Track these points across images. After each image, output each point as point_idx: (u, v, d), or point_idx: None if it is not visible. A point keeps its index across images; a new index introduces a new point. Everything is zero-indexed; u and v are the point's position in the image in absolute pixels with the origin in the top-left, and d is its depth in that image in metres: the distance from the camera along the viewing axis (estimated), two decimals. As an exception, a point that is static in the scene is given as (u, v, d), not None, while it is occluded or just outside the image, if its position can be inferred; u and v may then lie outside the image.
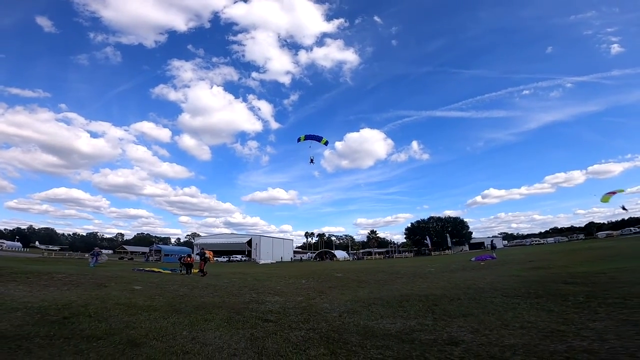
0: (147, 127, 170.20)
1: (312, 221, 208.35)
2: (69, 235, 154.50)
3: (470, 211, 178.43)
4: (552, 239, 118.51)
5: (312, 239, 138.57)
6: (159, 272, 20.44)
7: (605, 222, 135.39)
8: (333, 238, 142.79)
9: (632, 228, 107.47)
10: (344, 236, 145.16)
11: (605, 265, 13.34)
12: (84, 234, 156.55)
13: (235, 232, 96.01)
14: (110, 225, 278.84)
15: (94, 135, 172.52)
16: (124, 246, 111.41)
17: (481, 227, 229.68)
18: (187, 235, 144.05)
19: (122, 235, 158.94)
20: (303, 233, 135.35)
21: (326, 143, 24.94)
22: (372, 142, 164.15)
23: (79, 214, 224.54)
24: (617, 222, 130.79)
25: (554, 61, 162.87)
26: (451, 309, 7.08)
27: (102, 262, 29.94)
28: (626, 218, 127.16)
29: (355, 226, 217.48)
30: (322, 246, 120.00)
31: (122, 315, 6.87)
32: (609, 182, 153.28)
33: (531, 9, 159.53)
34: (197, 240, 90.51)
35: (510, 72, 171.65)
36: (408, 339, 4.98)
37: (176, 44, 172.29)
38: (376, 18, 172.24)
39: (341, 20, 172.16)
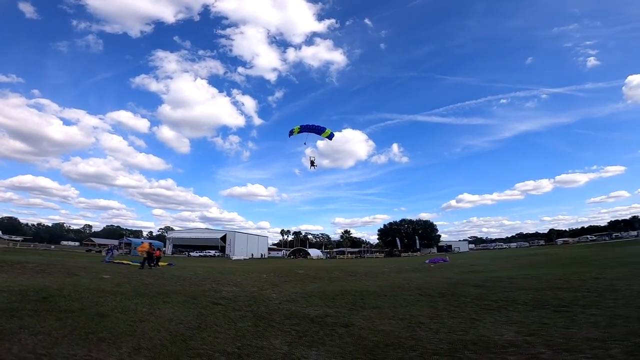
0: (124, 116, 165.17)
1: (290, 219, 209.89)
2: (33, 225, 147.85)
3: (445, 214, 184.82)
4: (515, 244, 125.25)
5: (287, 236, 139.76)
6: (127, 264, 21.30)
7: (567, 229, 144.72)
8: (309, 236, 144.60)
9: (588, 236, 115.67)
10: (320, 235, 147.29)
11: (525, 271, 15.43)
12: (49, 225, 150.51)
13: (210, 227, 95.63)
14: (77, 216, 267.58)
15: (66, 122, 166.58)
16: (92, 238, 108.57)
17: (454, 231, 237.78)
18: (160, 229, 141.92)
19: (89, 226, 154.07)
20: (287, 230, 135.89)
21: (330, 136, 18.98)
22: (354, 142, 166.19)
23: (45, 203, 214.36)
24: (576, 229, 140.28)
25: (533, 72, 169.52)
26: (370, 303, 8.57)
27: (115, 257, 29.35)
28: (585, 226, 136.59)
29: (334, 225, 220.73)
30: (298, 244, 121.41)
31: (92, 297, 8.10)
32: (574, 192, 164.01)
33: (518, 20, 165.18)
34: (171, 235, 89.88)
35: (491, 80, 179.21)
36: (318, 321, 6.42)
37: (162, 35, 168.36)
38: (367, 21, 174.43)
39: (332, 20, 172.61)
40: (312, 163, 20.04)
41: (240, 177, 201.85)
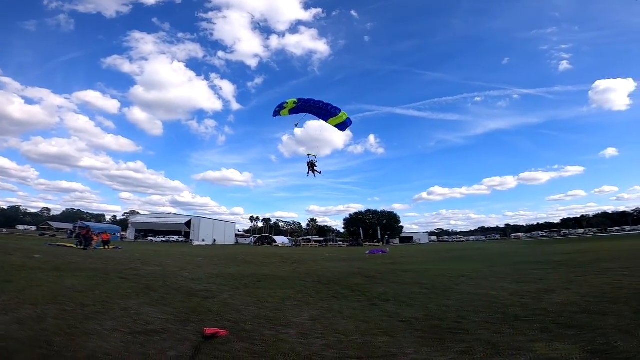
0: (92, 96, 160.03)
1: (265, 205, 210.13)
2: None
3: (416, 206, 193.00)
4: (473, 237, 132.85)
5: (257, 223, 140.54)
6: (70, 246, 22.15)
7: (525, 224, 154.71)
8: (281, 223, 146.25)
9: (540, 232, 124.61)
10: (292, 222, 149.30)
11: (437, 265, 16.62)
12: (5, 207, 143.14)
13: (182, 212, 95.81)
14: (37, 198, 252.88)
15: (29, 101, 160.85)
16: (49, 222, 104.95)
17: (424, 222, 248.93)
18: (125, 213, 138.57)
19: (48, 210, 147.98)
20: (256, 216, 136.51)
21: (343, 125, 13.07)
22: (332, 131, 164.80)
23: (1, 184, 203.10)
24: (532, 225, 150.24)
25: (508, 72, 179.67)
26: (261, 285, 9.62)
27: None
28: (543, 222, 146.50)
29: (308, 213, 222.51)
30: (268, 231, 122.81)
31: (12, 270, 9.39)
32: (535, 189, 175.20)
33: (500, 21, 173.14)
34: (134, 219, 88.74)
35: (468, 78, 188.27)
36: (188, 293, 7.71)
37: (140, 16, 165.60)
38: (353, 12, 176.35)
39: (319, 10, 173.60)
40: (311, 166, 14.12)
41: (214, 162, 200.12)
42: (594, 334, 3.92)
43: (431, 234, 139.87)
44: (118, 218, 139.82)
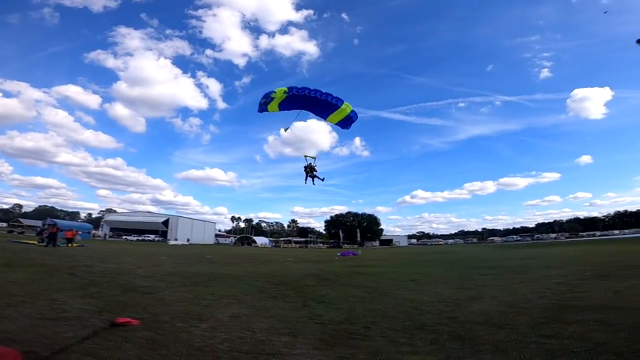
0: (72, 91, 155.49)
1: (249, 205, 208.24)
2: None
3: (399, 209, 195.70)
4: (452, 240, 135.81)
5: (239, 223, 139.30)
6: (33, 243, 21.61)
7: (502, 228, 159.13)
8: (264, 224, 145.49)
9: (514, 236, 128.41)
10: (274, 223, 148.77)
11: (393, 268, 16.87)
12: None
13: (157, 211, 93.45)
14: (10, 194, 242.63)
15: (6, 94, 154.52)
16: (20, 219, 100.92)
17: (407, 225, 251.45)
18: (101, 211, 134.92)
19: (20, 206, 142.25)
20: (238, 217, 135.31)
21: (346, 122, 11.10)
22: (318, 133, 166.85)
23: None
24: (509, 230, 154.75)
25: (491, 79, 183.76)
26: (212, 283, 9.74)
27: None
28: (520, 227, 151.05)
29: (293, 214, 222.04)
30: (250, 231, 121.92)
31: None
32: (513, 194, 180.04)
33: (487, 28, 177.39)
34: (109, 217, 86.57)
35: (453, 84, 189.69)
36: (138, 291, 7.87)
37: (128, 12, 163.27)
38: (344, 15, 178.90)
39: (310, 11, 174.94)
40: (310, 171, 11.71)
41: (198, 160, 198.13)
42: (471, 350, 3.94)
43: (411, 237, 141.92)
44: (93, 216, 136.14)
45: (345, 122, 11.11)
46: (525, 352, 3.69)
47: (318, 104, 10.21)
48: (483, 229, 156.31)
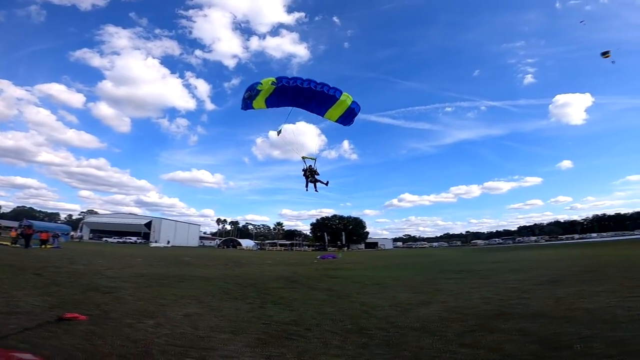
0: (56, 89, 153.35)
1: (236, 207, 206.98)
2: None
3: (387, 212, 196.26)
4: (436, 243, 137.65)
5: (224, 225, 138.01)
6: (5, 244, 21.23)
7: (486, 231, 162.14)
8: (250, 227, 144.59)
9: (497, 239, 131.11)
10: (261, 226, 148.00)
11: (367, 272, 16.95)
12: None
13: (141, 212, 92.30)
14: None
15: None
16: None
17: (394, 228, 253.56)
18: (82, 212, 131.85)
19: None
20: (223, 219, 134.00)
21: (346, 117, 9.81)
22: (307, 136, 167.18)
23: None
24: (492, 232, 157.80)
25: (477, 84, 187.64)
26: (180, 284, 9.84)
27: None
28: (501, 230, 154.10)
29: (280, 217, 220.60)
30: (236, 234, 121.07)
31: None
32: (497, 198, 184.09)
33: (475, 33, 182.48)
34: (89, 219, 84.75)
35: (441, 89, 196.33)
36: (99, 290, 8.04)
37: (117, 10, 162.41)
38: (335, 19, 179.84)
39: (302, 14, 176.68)
40: (310, 174, 10.91)
41: (185, 162, 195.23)
42: (392, 356, 4.00)
43: (397, 240, 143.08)
44: (74, 217, 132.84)
45: (347, 117, 9.62)
46: (436, 361, 3.76)
47: (313, 97, 8.81)
48: (467, 232, 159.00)
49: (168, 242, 70.82)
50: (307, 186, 10.74)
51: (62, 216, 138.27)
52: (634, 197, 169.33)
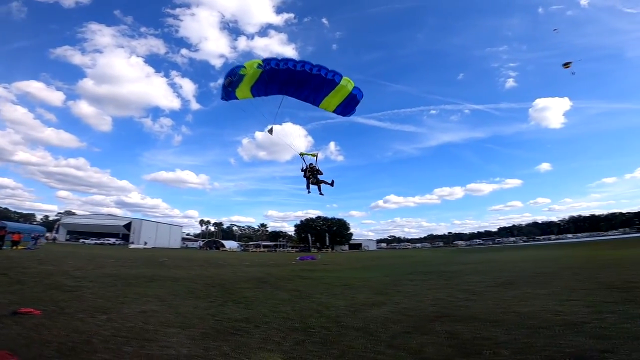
0: (34, 87, 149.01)
1: (221, 208, 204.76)
2: None
3: (373, 213, 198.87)
4: (420, 244, 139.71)
5: (208, 226, 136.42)
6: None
7: (468, 232, 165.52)
8: (235, 228, 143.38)
9: (477, 240, 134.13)
10: (246, 227, 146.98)
11: (341, 273, 17.26)
12: None
13: (122, 213, 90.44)
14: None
15: None
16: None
17: (380, 229, 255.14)
18: (59, 213, 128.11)
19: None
20: (207, 220, 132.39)
21: (347, 106, 8.97)
22: (294, 137, 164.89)
23: None
24: (473, 234, 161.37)
25: (461, 87, 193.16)
26: (148, 284, 10.12)
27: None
28: (482, 231, 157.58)
29: (266, 218, 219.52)
30: (219, 235, 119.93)
31: None
32: (479, 199, 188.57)
33: (461, 38, 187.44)
34: (67, 220, 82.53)
35: (427, 92, 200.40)
36: (62, 289, 8.31)
37: (101, 8, 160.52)
38: (324, 20, 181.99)
39: (291, 15, 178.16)
40: (311, 174, 9.73)
41: (168, 162, 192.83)
42: (321, 353, 4.17)
43: (381, 241, 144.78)
44: (51, 218, 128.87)
45: (347, 105, 8.50)
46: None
47: (308, 82, 7.62)
48: (449, 233, 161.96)
49: (145, 243, 69.37)
50: (308, 188, 9.59)
51: (39, 217, 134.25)
52: (608, 198, 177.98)
